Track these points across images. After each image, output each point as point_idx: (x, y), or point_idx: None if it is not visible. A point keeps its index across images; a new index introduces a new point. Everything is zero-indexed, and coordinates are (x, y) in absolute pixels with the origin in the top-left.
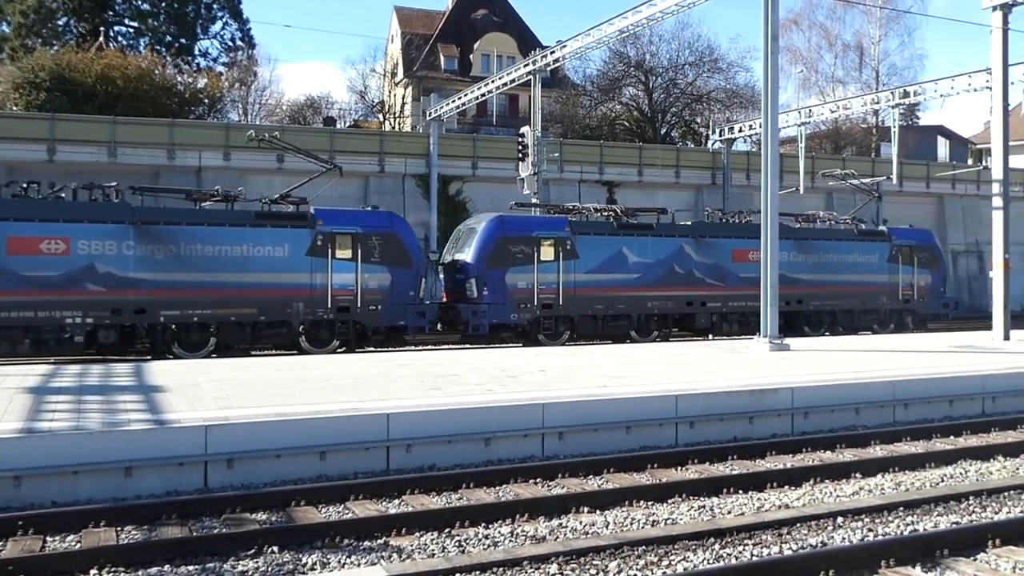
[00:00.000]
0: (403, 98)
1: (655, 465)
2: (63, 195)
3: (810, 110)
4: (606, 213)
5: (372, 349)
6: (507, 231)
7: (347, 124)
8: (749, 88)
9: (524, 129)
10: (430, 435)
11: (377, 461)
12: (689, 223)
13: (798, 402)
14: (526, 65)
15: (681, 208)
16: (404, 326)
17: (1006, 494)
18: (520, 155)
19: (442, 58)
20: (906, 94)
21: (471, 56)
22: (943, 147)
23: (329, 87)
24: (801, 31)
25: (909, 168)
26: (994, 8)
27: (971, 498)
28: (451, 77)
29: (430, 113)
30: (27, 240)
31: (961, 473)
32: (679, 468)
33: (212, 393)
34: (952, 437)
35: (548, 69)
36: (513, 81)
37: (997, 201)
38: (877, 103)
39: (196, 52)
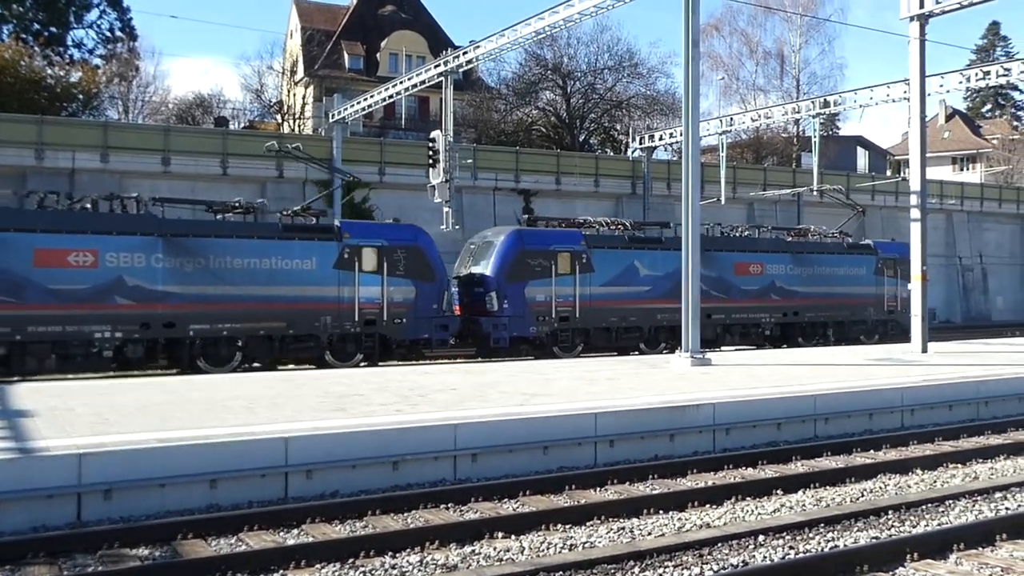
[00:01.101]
0: (304, 98)
1: (573, 486)
2: (87, 206)
3: (731, 118)
4: (615, 227)
5: (394, 363)
6: (526, 244)
7: (241, 125)
8: (670, 95)
9: (435, 133)
10: (333, 460)
11: (274, 489)
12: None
13: (720, 418)
14: (437, 66)
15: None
16: (428, 339)
17: (924, 507)
18: (431, 161)
19: (346, 56)
20: (826, 103)
21: (378, 55)
22: (863, 158)
23: (221, 85)
24: (722, 37)
25: (829, 178)
26: (912, 18)
27: (890, 512)
28: (356, 77)
29: (333, 115)
30: (54, 252)
31: (881, 487)
32: (598, 489)
33: (87, 418)
34: (872, 451)
35: (461, 70)
36: (423, 82)
37: (915, 213)
38: (798, 112)
39: (69, 42)
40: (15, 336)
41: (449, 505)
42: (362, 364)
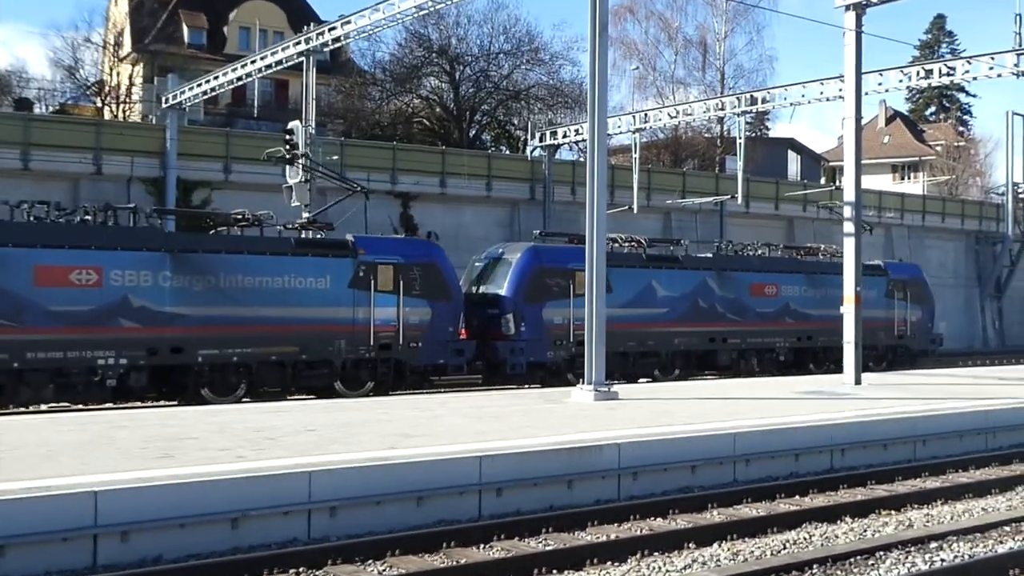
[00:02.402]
0: (131, 78)
1: (452, 543)
2: (87, 218)
3: (646, 114)
4: (629, 242)
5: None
6: (543, 262)
7: (50, 109)
8: (576, 85)
9: (294, 124)
10: (155, 518)
11: (80, 555)
12: (710, 255)
13: (626, 461)
14: (298, 43)
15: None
16: (444, 365)
17: (852, 560)
18: (288, 157)
19: (185, 29)
20: (754, 100)
21: (225, 28)
22: (794, 163)
23: (24, 59)
24: (637, 21)
25: (756, 186)
26: (848, 7)
27: (815, 566)
28: (197, 54)
29: (167, 98)
30: (56, 270)
31: (805, 538)
32: (482, 546)
33: None
34: (797, 497)
35: (326, 50)
36: (280, 63)
37: (849, 227)
38: (722, 109)
39: None
40: (12, 364)
41: (301, 570)
42: (370, 393)
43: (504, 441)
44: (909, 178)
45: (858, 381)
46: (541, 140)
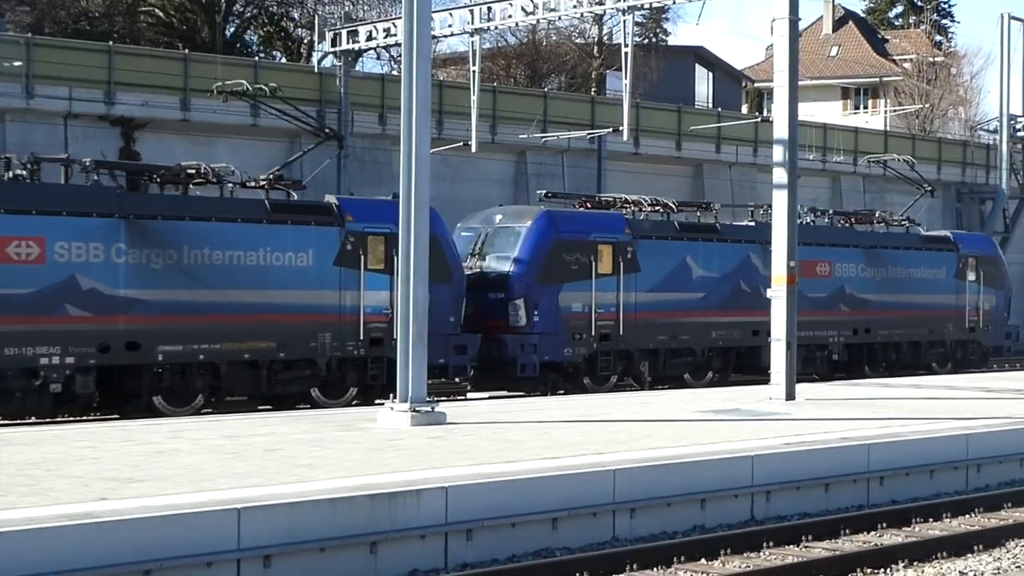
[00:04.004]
0: None
1: None
2: (20, 173)
3: (490, 8)
4: (656, 207)
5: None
6: (561, 233)
7: None
8: None
9: None
10: None
11: None
12: (751, 224)
13: (456, 514)
14: None
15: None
16: (444, 365)
17: None
18: None
19: None
20: None
21: None
22: (704, 83)
23: None
24: None
25: (650, 115)
26: None
27: None
28: None
29: None
30: None
31: None
32: None
33: None
34: (703, 561)
35: None
36: None
37: (779, 175)
38: (600, 2)
39: None
40: None
41: None
42: (354, 402)
43: (273, 487)
44: (866, 107)
45: (791, 395)
46: (334, 43)
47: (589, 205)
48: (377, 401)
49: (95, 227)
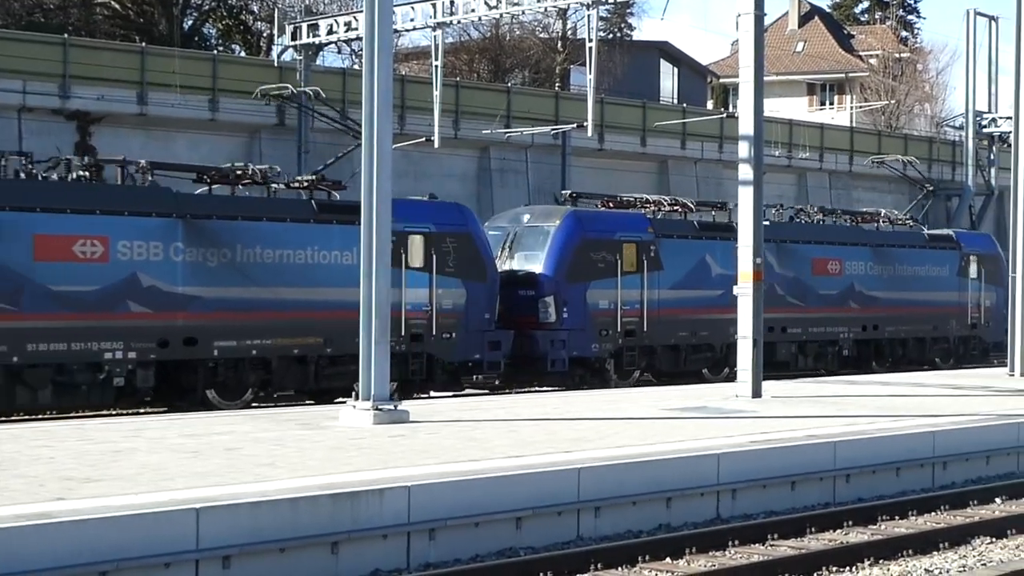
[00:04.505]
0: None
1: None
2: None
3: (452, 2)
4: (674, 207)
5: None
6: (587, 232)
7: None
8: None
9: None
10: None
11: None
12: (766, 223)
13: (419, 513)
14: None
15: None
16: (480, 361)
17: None
18: None
19: None
20: None
21: None
22: (669, 78)
23: None
24: None
25: (615, 111)
26: None
27: None
28: None
29: None
30: (60, 241)
31: None
32: None
33: None
34: (669, 560)
35: None
36: None
37: (745, 171)
38: None
39: None
40: (12, 358)
41: None
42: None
43: (233, 487)
44: (832, 103)
45: (757, 393)
46: (294, 37)
47: (611, 205)
48: (417, 395)
49: (155, 227)
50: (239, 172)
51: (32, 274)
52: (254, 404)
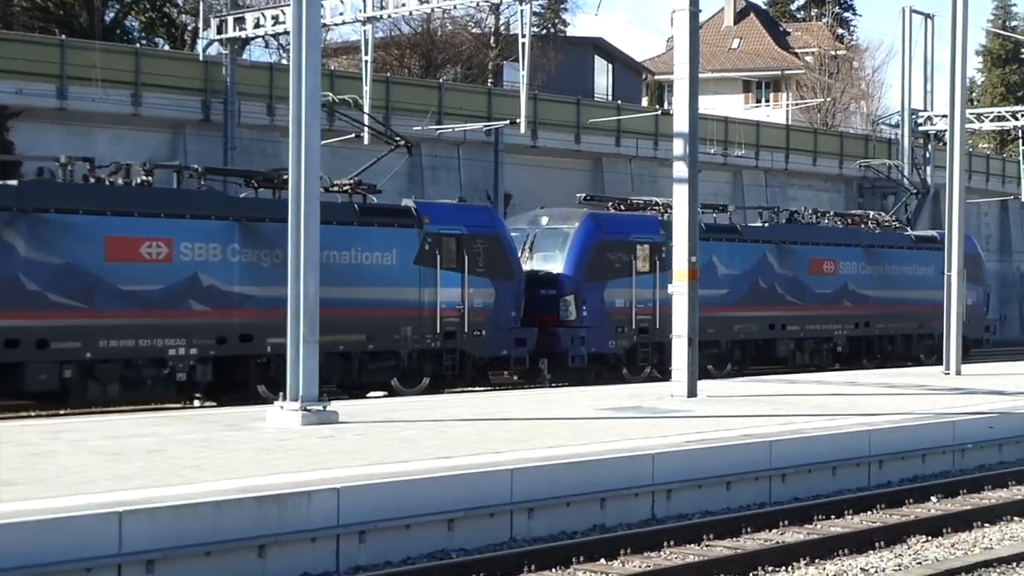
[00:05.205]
0: None
1: None
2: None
3: None
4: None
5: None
6: (605, 234)
7: None
8: None
9: None
10: None
11: None
12: (766, 226)
13: (348, 515)
14: None
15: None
16: (506, 356)
17: None
18: None
19: None
20: None
21: None
22: (604, 75)
23: None
24: None
25: (549, 108)
26: None
27: None
28: None
29: None
30: (128, 242)
31: None
32: None
33: None
34: (603, 562)
35: None
36: None
37: (680, 169)
38: None
39: None
40: (85, 354)
41: None
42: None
43: (157, 489)
44: (767, 100)
45: (693, 393)
46: (220, 31)
47: (623, 207)
48: (448, 390)
49: (214, 229)
50: (284, 177)
51: (103, 274)
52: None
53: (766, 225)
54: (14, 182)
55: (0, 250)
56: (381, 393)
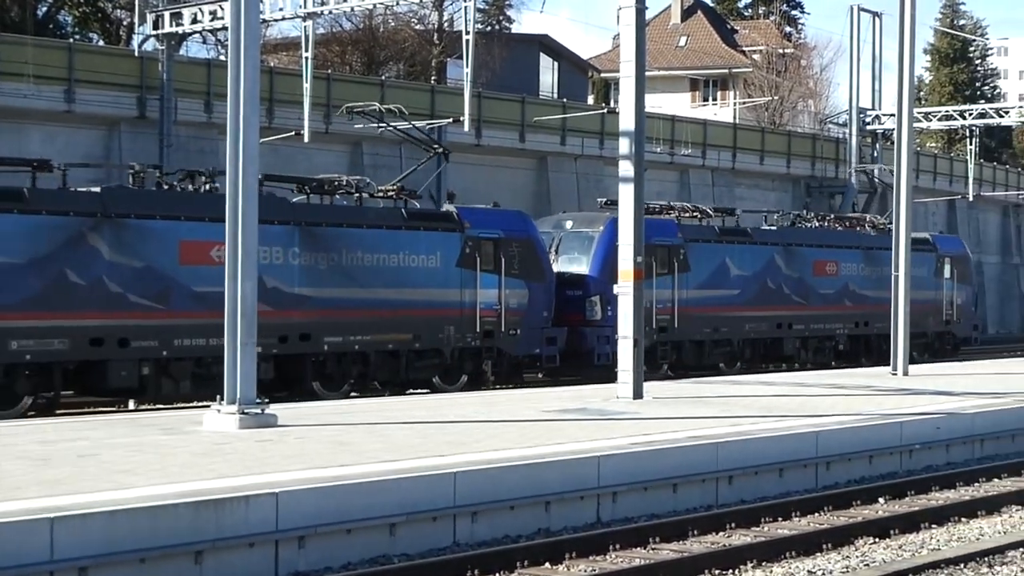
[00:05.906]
0: None
1: None
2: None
3: None
4: (695, 213)
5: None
6: None
7: None
8: None
9: None
10: None
11: None
12: (773, 228)
13: (287, 520)
14: None
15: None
16: (539, 355)
17: None
18: None
19: None
20: None
21: None
22: (549, 72)
23: None
24: None
25: (493, 105)
26: None
27: None
28: None
29: None
30: (200, 245)
31: None
32: None
33: None
34: (547, 565)
35: None
36: None
37: (626, 167)
38: None
39: None
40: (162, 352)
41: None
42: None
43: (88, 495)
44: (715, 99)
45: (639, 394)
46: (156, 26)
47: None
48: (497, 385)
49: (277, 233)
50: (335, 183)
51: (177, 276)
52: (352, 394)
53: (773, 228)
54: (96, 189)
55: (87, 254)
56: (424, 391)
